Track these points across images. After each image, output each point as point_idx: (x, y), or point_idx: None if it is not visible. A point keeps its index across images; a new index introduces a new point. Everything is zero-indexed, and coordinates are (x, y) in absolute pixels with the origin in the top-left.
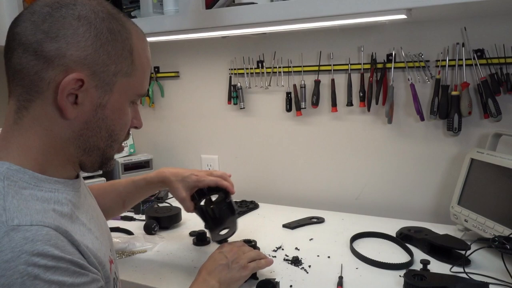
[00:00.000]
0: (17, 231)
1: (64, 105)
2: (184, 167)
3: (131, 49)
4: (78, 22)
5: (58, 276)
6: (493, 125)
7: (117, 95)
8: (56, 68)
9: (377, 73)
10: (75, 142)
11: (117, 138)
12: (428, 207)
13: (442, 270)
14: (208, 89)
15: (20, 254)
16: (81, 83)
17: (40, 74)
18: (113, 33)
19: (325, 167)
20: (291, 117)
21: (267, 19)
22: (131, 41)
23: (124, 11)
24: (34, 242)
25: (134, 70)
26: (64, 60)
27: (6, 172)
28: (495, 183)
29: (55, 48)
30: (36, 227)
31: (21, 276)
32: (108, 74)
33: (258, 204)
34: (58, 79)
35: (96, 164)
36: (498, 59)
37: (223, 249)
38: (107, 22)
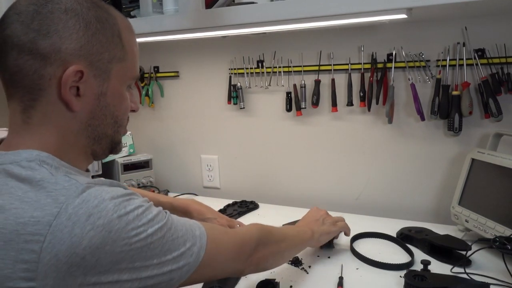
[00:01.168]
0: (90, 187)
1: (68, 98)
2: (184, 167)
3: (120, 34)
4: (66, 15)
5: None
6: (494, 125)
7: (114, 81)
8: (54, 64)
9: (378, 73)
10: (85, 133)
11: (121, 122)
12: (428, 207)
13: (442, 271)
14: (208, 89)
15: (102, 198)
16: (80, 74)
17: (39, 72)
18: (101, 21)
19: (325, 167)
20: (291, 117)
21: (267, 19)
22: (118, 26)
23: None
24: (105, 191)
25: (125, 54)
26: (60, 54)
27: (39, 157)
28: (496, 183)
29: (49, 44)
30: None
31: (114, 212)
32: (103, 62)
33: (258, 204)
34: (57, 74)
35: (107, 151)
36: (499, 59)
37: (314, 209)
38: (93, 11)
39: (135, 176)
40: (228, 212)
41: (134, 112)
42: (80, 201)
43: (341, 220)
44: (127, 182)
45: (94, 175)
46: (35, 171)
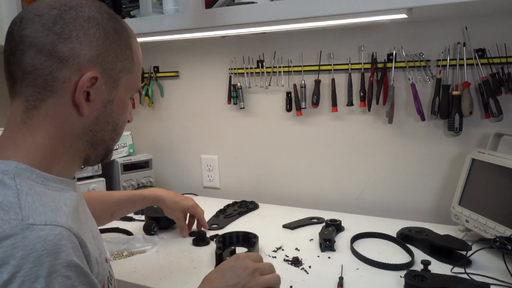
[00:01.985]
0: (32, 230)
1: (81, 102)
2: (184, 167)
3: (131, 47)
4: (88, 23)
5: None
6: (494, 125)
7: (122, 90)
8: (71, 68)
9: (378, 73)
10: (84, 137)
11: (119, 131)
12: (429, 207)
13: (443, 271)
14: (208, 89)
15: (30, 252)
16: (94, 80)
17: (55, 74)
18: (117, 33)
19: (325, 167)
20: (291, 117)
21: (267, 19)
22: (131, 40)
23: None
24: (45, 242)
25: (133, 66)
26: (79, 59)
27: (15, 171)
28: (496, 183)
29: (69, 48)
30: (49, 226)
31: (25, 274)
32: (115, 71)
33: (258, 204)
34: (73, 78)
35: (100, 157)
36: (499, 59)
37: (236, 262)
38: (112, 23)
39: (135, 176)
40: (228, 212)
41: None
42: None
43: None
44: (127, 182)
45: (93, 175)
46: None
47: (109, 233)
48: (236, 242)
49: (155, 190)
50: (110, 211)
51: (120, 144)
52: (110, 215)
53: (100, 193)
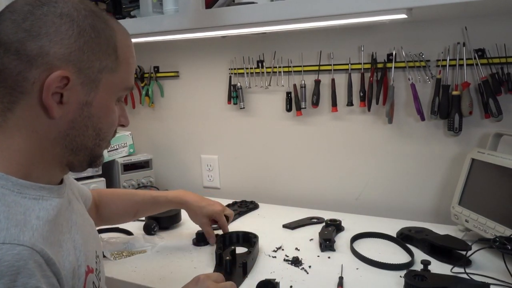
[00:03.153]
0: None
1: (49, 104)
2: (184, 167)
3: (115, 45)
4: (60, 19)
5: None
6: (494, 125)
7: (103, 92)
8: (40, 67)
9: (378, 73)
10: (62, 142)
11: (104, 136)
12: (428, 207)
13: (442, 271)
14: (208, 89)
15: None
16: (66, 81)
17: (24, 74)
18: (96, 31)
19: (325, 167)
20: (291, 117)
21: (267, 19)
22: (115, 38)
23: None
24: (1, 263)
25: (118, 65)
26: (48, 58)
27: None
28: (496, 183)
29: (38, 46)
30: (8, 245)
31: None
32: (93, 71)
33: (258, 204)
34: (42, 78)
35: (85, 163)
36: (499, 59)
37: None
38: (89, 19)
39: (135, 176)
40: None
41: (124, 127)
42: None
43: None
44: (127, 182)
45: (93, 175)
46: None
47: (109, 233)
48: (236, 242)
49: (181, 194)
50: (133, 210)
51: (120, 144)
52: (134, 214)
53: (125, 191)
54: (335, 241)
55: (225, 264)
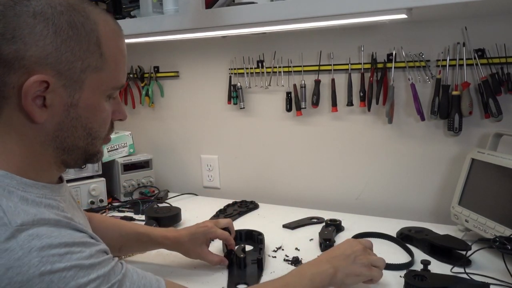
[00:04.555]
0: (22, 231)
1: (31, 109)
2: (184, 167)
3: (99, 41)
4: (33, 19)
5: (75, 260)
6: (494, 125)
7: (88, 92)
8: (18, 71)
9: (378, 73)
10: (52, 144)
11: (97, 135)
12: (428, 207)
13: (442, 271)
14: (208, 89)
15: (30, 249)
16: (46, 84)
17: (3, 79)
18: (74, 27)
19: (325, 167)
20: (291, 117)
21: (267, 19)
22: (98, 32)
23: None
24: (40, 237)
25: (104, 63)
26: (24, 62)
27: None
28: (496, 183)
29: (13, 50)
30: (37, 225)
31: (37, 268)
32: (75, 72)
33: (258, 204)
34: (20, 83)
35: (80, 161)
36: (499, 59)
37: (349, 241)
38: (66, 16)
39: (135, 176)
40: (228, 212)
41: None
42: (3, 249)
43: (379, 265)
44: (127, 182)
45: (93, 175)
46: None
47: None
48: (239, 240)
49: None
50: (118, 244)
51: (120, 144)
52: (118, 249)
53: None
54: (335, 241)
55: (239, 262)
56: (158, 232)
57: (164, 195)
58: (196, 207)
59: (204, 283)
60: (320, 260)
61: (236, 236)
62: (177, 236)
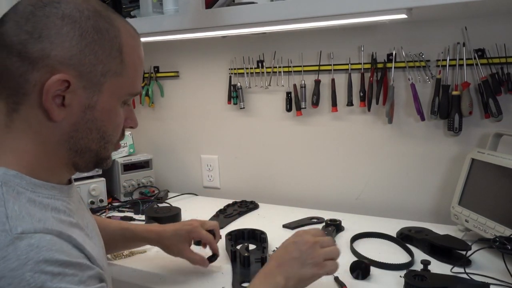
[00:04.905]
0: (22, 239)
1: (50, 107)
2: (184, 167)
3: (120, 47)
4: (61, 21)
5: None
6: (494, 125)
7: (106, 95)
8: (41, 70)
9: (378, 73)
10: (66, 145)
11: (110, 139)
12: (428, 207)
13: (442, 271)
14: (208, 89)
15: (26, 261)
16: (67, 84)
17: (26, 76)
18: (99, 32)
19: (325, 167)
20: (291, 117)
21: (267, 19)
22: (120, 39)
23: (124, 11)
24: (39, 249)
25: (124, 69)
26: (49, 61)
27: (3, 178)
28: (496, 183)
29: (39, 49)
30: (40, 234)
31: (28, 284)
32: (95, 75)
33: (258, 204)
34: (43, 81)
35: (91, 165)
36: (499, 59)
37: (296, 238)
38: (92, 21)
39: (135, 176)
40: (228, 212)
41: (132, 129)
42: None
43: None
44: (127, 182)
45: (93, 175)
46: None
47: None
48: (242, 239)
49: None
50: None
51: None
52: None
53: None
54: (335, 241)
55: (244, 260)
56: (142, 226)
57: (164, 195)
58: (196, 207)
59: (204, 283)
60: (270, 269)
61: (239, 235)
62: (160, 231)
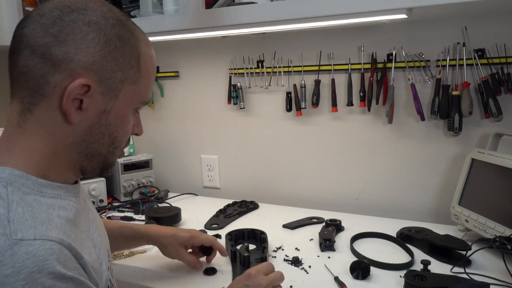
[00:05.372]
0: (20, 245)
1: (69, 109)
2: (184, 167)
3: (139, 56)
4: (88, 27)
5: None
6: (494, 125)
7: (122, 102)
8: (63, 72)
9: (378, 73)
10: (77, 147)
11: (119, 144)
12: (428, 207)
13: (442, 271)
14: (208, 89)
15: (20, 269)
16: (87, 88)
17: (46, 78)
18: (122, 40)
19: (325, 167)
20: (291, 117)
21: (267, 19)
22: (139, 48)
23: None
24: (36, 258)
25: (140, 77)
26: (72, 64)
27: (8, 178)
28: (496, 183)
29: (63, 52)
30: (39, 241)
31: None
32: (114, 81)
33: (258, 204)
34: (64, 83)
35: (97, 170)
36: (499, 59)
37: (250, 281)
38: (116, 29)
39: (135, 176)
40: (228, 212)
41: (137, 136)
42: None
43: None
44: (127, 182)
45: None
46: None
47: None
48: (242, 239)
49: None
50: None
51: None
52: None
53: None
54: (335, 241)
55: (244, 260)
56: (141, 225)
57: (164, 195)
58: (196, 207)
59: (204, 283)
60: None
61: (239, 235)
62: (160, 231)
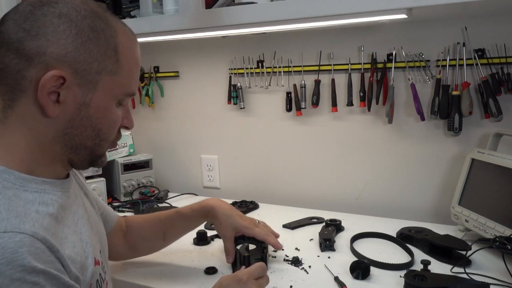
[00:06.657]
0: None
1: (45, 102)
2: (184, 167)
3: (116, 47)
4: (58, 19)
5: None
6: (494, 125)
7: (101, 93)
8: (37, 66)
9: (378, 73)
10: (61, 141)
11: (105, 137)
12: (428, 207)
13: (442, 271)
14: (208, 89)
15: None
16: (62, 80)
17: (22, 73)
18: (95, 31)
19: (325, 167)
20: (291, 117)
21: (267, 19)
22: (116, 39)
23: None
24: (4, 250)
25: (119, 68)
26: (45, 57)
27: None
28: (496, 183)
29: (35, 46)
30: (9, 233)
31: None
32: (90, 72)
33: (258, 204)
34: (38, 77)
35: (86, 162)
36: (499, 59)
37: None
38: (89, 20)
39: (135, 176)
40: None
41: (128, 129)
42: None
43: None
44: (127, 182)
45: (93, 175)
46: None
47: None
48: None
49: (206, 200)
50: (161, 231)
51: (120, 144)
52: (162, 237)
53: (151, 214)
54: (335, 241)
55: (244, 260)
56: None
57: (164, 195)
58: None
59: (204, 283)
60: None
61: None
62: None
